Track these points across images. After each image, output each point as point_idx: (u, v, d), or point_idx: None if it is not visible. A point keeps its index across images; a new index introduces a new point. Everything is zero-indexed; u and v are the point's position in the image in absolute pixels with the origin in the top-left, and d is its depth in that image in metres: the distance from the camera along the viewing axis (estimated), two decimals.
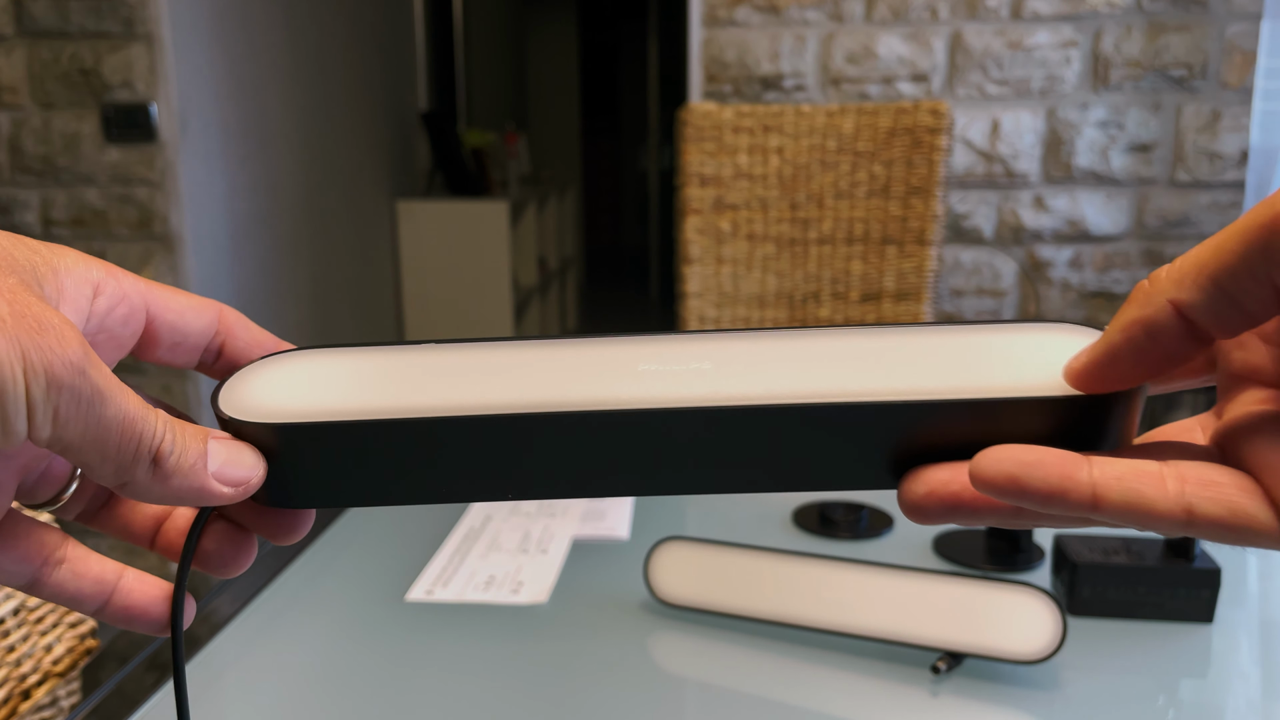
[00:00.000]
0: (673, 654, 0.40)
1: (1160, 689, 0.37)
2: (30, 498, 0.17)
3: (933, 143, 0.78)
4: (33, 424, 0.13)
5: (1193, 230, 1.37)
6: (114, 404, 0.14)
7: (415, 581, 0.45)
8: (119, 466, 0.14)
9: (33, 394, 0.13)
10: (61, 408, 0.13)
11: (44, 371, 0.13)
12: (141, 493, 0.15)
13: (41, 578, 0.16)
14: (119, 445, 0.14)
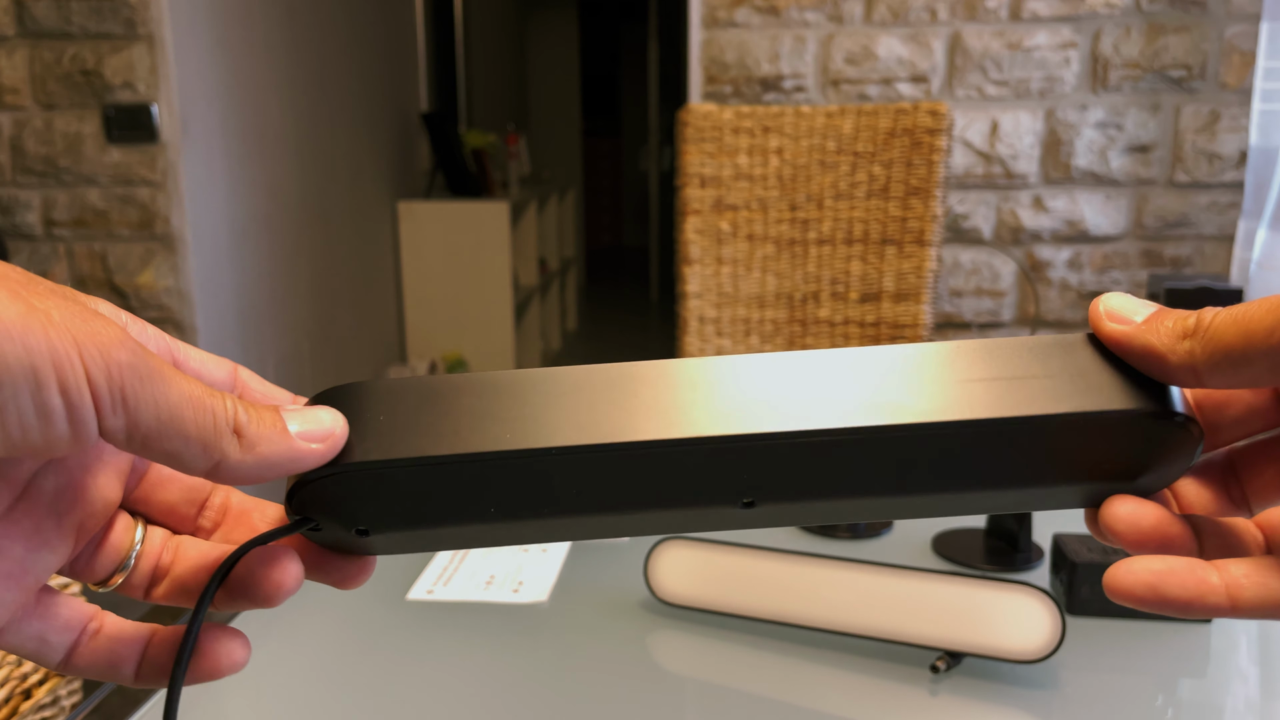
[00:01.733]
0: (672, 653, 0.40)
1: (1159, 688, 0.37)
2: (87, 573, 0.16)
3: (932, 143, 0.78)
4: (101, 412, 0.13)
5: (1191, 231, 1.37)
6: (177, 384, 0.14)
7: (416, 580, 0.45)
8: (205, 445, 0.14)
9: (95, 378, 0.13)
10: (127, 389, 0.13)
11: (100, 354, 0.13)
12: (235, 469, 0.14)
13: (79, 647, 0.16)
14: (197, 422, 0.14)
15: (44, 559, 0.15)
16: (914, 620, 0.36)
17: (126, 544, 0.17)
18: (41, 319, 0.13)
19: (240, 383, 0.17)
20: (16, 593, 0.15)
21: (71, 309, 0.13)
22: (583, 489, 0.16)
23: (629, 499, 0.16)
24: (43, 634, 0.16)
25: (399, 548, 0.17)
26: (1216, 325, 0.14)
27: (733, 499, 0.16)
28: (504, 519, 0.16)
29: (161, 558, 0.17)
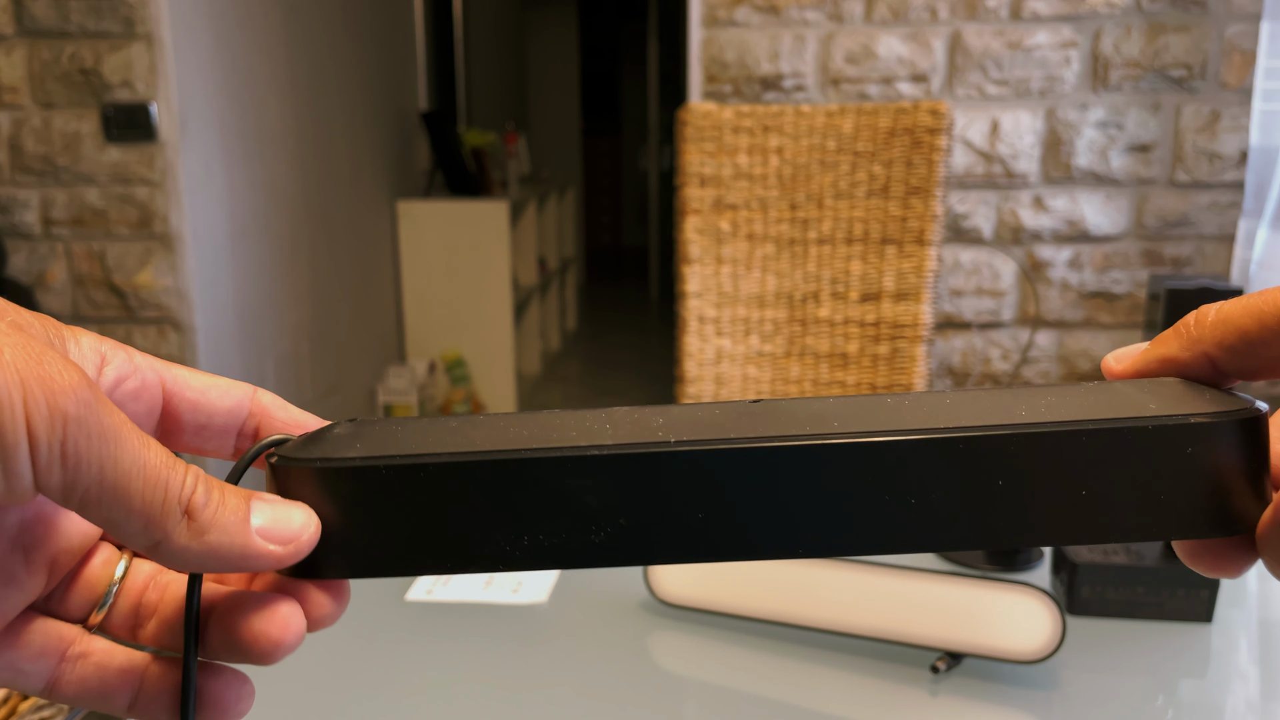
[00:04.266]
0: (672, 653, 0.40)
1: (1159, 689, 0.37)
2: (63, 610, 0.15)
3: (932, 143, 0.78)
4: (37, 465, 0.12)
5: (1192, 230, 1.37)
6: (130, 446, 0.12)
7: (415, 581, 0.45)
8: (147, 520, 0.13)
9: (35, 428, 0.12)
10: (69, 444, 0.12)
11: (46, 402, 0.12)
12: (177, 554, 0.13)
13: (62, 675, 0.15)
14: (143, 494, 0.13)
15: (10, 596, 0.14)
16: (914, 620, 0.36)
17: (105, 579, 0.15)
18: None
19: (260, 409, 0.16)
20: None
21: (27, 348, 0.12)
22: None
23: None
24: (14, 663, 0.15)
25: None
26: (1225, 311, 0.14)
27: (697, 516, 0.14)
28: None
29: (147, 594, 0.16)
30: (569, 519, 0.15)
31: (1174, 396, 0.14)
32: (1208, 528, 0.14)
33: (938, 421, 0.14)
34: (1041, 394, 0.15)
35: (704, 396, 0.87)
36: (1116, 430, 0.14)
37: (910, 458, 0.14)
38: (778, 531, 0.15)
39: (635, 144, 4.45)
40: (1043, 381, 1.41)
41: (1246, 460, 0.14)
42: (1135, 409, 0.14)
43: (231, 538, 0.13)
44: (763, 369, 0.85)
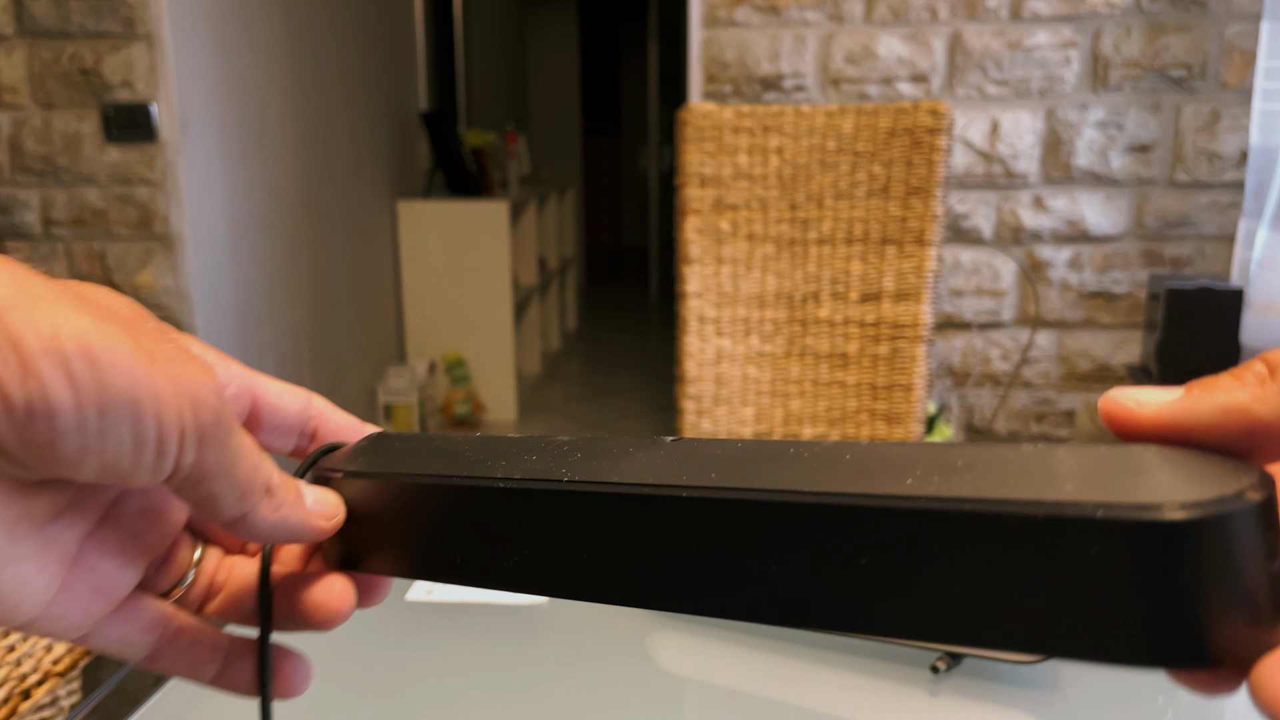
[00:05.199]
0: (672, 653, 0.40)
1: (1159, 689, 0.37)
2: (152, 587, 0.18)
3: (932, 143, 0.78)
4: (183, 449, 0.14)
5: (1192, 230, 1.37)
6: (239, 435, 0.15)
7: (414, 581, 0.45)
8: (243, 495, 0.15)
9: (184, 420, 0.14)
10: (206, 434, 0.14)
11: (191, 398, 0.14)
12: (258, 524, 0.16)
13: (162, 647, 0.17)
14: (245, 475, 0.15)
15: (127, 575, 0.17)
16: None
17: (186, 562, 0.18)
18: (146, 358, 0.14)
19: (316, 412, 0.19)
20: (104, 605, 0.16)
21: (170, 351, 0.14)
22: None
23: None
24: (126, 636, 0.17)
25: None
26: None
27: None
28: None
29: (216, 575, 0.19)
30: (486, 543, 0.16)
31: (1211, 477, 0.11)
32: (1174, 656, 0.11)
33: (807, 481, 0.12)
34: (976, 457, 0.12)
35: (704, 397, 0.87)
36: (1009, 516, 0.11)
37: (749, 518, 0.13)
38: (645, 579, 0.14)
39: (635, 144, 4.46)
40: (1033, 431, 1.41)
41: (1232, 573, 0.11)
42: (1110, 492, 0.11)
43: (296, 512, 0.17)
44: (763, 369, 0.85)
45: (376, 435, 0.19)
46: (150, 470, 0.14)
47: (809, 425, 0.84)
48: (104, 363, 0.13)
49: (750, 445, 0.14)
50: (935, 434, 1.31)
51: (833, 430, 0.84)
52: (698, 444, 0.15)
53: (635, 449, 0.15)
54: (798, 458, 0.13)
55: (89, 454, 0.13)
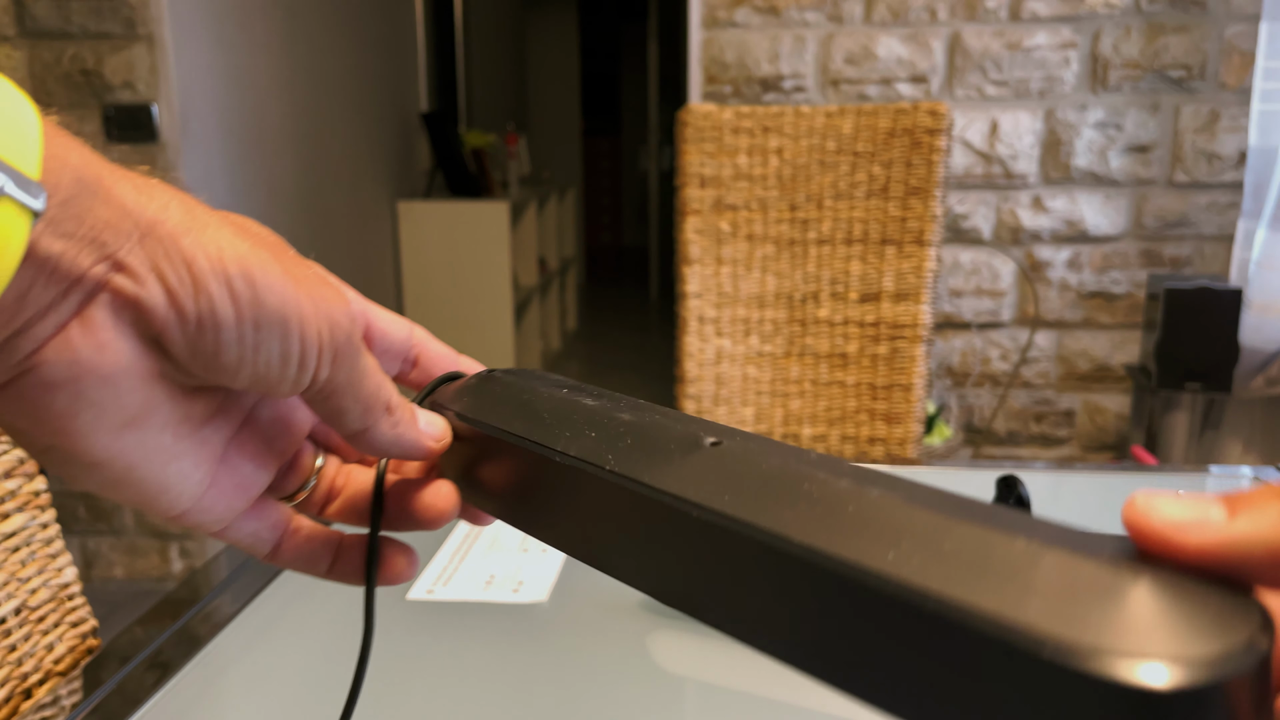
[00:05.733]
0: (671, 652, 0.40)
1: None
2: (279, 490, 0.20)
3: (931, 143, 0.78)
4: (320, 364, 0.16)
5: (1191, 230, 1.37)
6: (366, 356, 0.17)
7: (416, 580, 0.45)
8: (366, 411, 0.17)
9: (323, 338, 0.16)
10: (339, 352, 0.16)
11: (329, 319, 0.16)
12: (377, 438, 0.18)
13: (283, 543, 0.20)
14: (370, 392, 0.17)
15: (261, 476, 0.19)
16: None
17: (309, 467, 0.20)
18: (293, 281, 0.16)
19: (417, 341, 0.21)
20: (242, 502, 0.18)
21: (311, 276, 0.16)
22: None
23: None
24: (257, 531, 0.19)
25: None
26: None
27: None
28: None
29: (335, 480, 0.20)
30: (541, 503, 0.18)
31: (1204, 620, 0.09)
32: None
33: (801, 528, 0.12)
34: (967, 543, 0.11)
35: (704, 397, 0.87)
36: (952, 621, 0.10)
37: (741, 547, 0.13)
38: (657, 572, 0.16)
39: (635, 144, 4.46)
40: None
41: None
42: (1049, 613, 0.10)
43: (410, 430, 0.18)
44: (762, 369, 0.85)
45: (485, 375, 0.20)
46: (292, 381, 0.16)
47: (808, 425, 0.84)
48: (259, 283, 0.15)
49: (775, 467, 0.14)
50: (934, 434, 1.31)
51: (832, 430, 0.84)
52: (731, 451, 0.15)
53: (676, 447, 0.16)
54: (809, 496, 0.14)
55: (244, 364, 0.15)
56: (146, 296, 0.14)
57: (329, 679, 0.38)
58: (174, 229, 0.14)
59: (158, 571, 1.46)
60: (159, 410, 0.16)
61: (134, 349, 0.15)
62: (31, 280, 0.14)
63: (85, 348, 0.14)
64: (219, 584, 0.45)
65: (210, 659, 0.39)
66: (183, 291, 0.14)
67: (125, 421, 0.15)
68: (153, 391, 0.15)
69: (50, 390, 0.14)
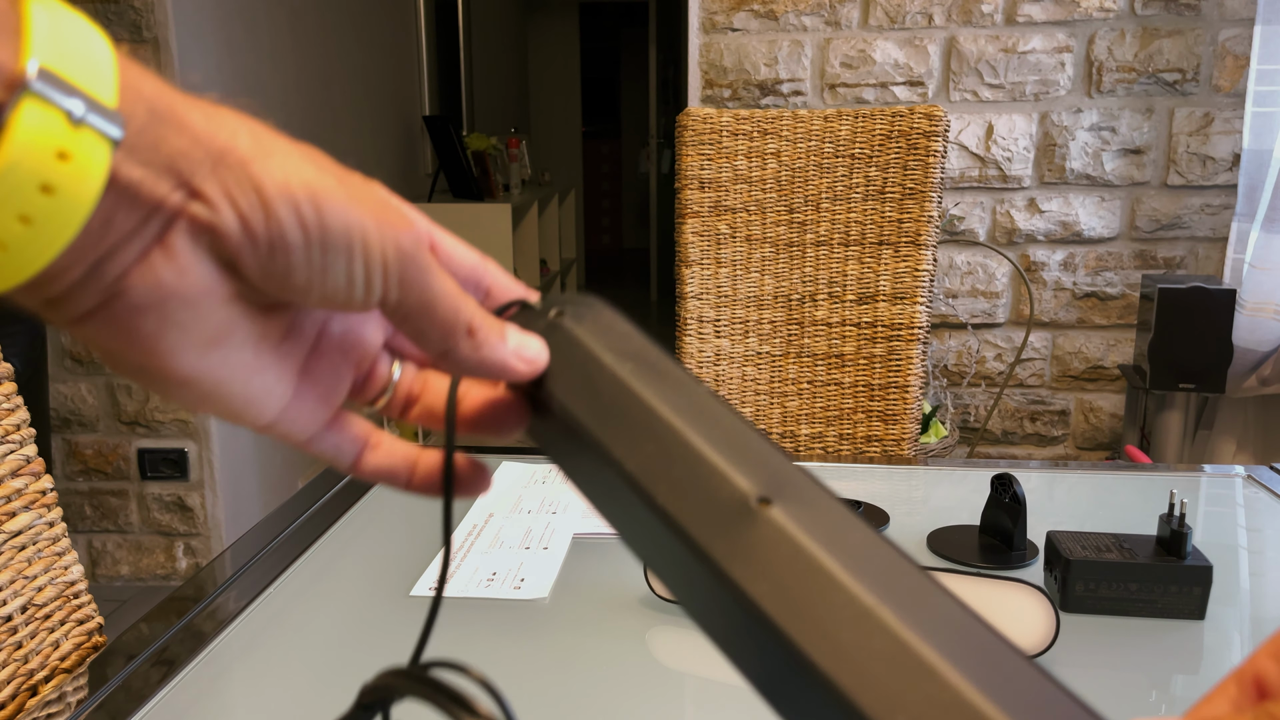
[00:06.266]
0: (671, 649, 0.40)
1: (1153, 685, 0.38)
2: (360, 398, 0.20)
3: (928, 146, 0.79)
4: (387, 286, 0.16)
5: (1185, 232, 1.38)
6: (441, 279, 0.17)
7: (419, 577, 0.45)
8: (445, 334, 0.17)
9: (388, 259, 0.16)
10: (406, 274, 0.16)
11: (394, 238, 0.16)
12: (460, 360, 0.18)
13: (362, 456, 0.20)
14: (445, 315, 0.17)
15: (340, 390, 0.19)
16: None
17: (386, 375, 0.20)
18: (357, 204, 0.16)
19: (487, 272, 0.21)
20: (325, 412, 0.19)
21: (375, 197, 0.16)
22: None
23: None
24: (338, 444, 0.20)
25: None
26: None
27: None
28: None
29: (413, 387, 0.21)
30: (601, 487, 0.18)
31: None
32: None
33: (827, 654, 0.13)
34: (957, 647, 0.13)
35: None
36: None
37: (764, 640, 0.14)
38: (687, 596, 0.16)
39: (635, 148, 4.46)
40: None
41: None
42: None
43: (496, 352, 0.18)
44: (761, 369, 0.86)
45: (553, 322, 0.19)
46: (360, 302, 0.16)
47: (806, 425, 0.85)
48: (325, 207, 0.15)
49: (815, 562, 0.14)
50: (930, 433, 1.32)
51: (829, 429, 0.85)
52: (781, 524, 0.15)
53: (725, 499, 0.16)
54: (836, 612, 0.14)
55: (313, 286, 0.16)
56: (221, 222, 0.15)
57: (332, 675, 0.38)
58: (244, 155, 0.15)
59: (163, 569, 1.46)
60: (239, 328, 0.16)
61: (212, 272, 0.15)
62: (114, 206, 0.14)
63: (168, 272, 0.15)
64: (224, 582, 0.45)
65: (215, 656, 0.39)
66: (254, 217, 0.15)
67: (209, 341, 0.16)
68: (232, 312, 0.16)
69: (138, 313, 0.15)
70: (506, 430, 0.20)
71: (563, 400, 0.18)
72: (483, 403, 0.20)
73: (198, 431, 1.40)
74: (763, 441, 0.17)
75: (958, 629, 0.14)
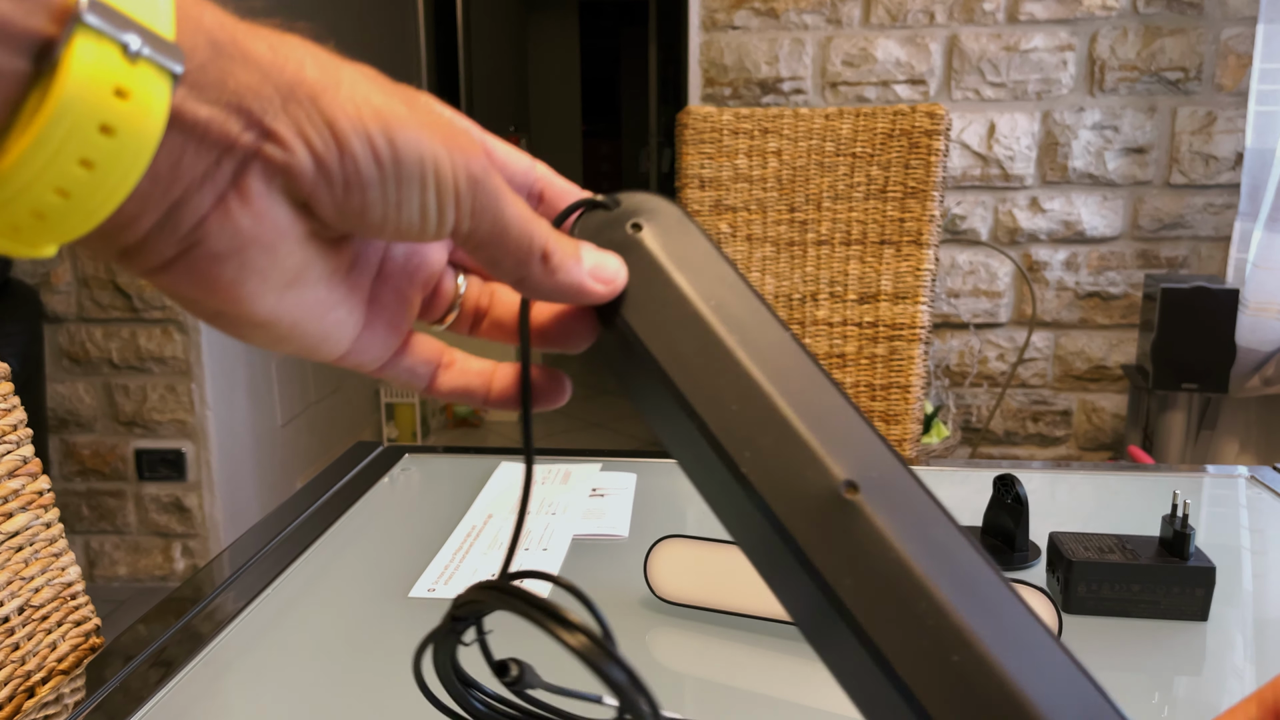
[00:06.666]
0: (672, 651, 0.40)
1: (1155, 686, 0.37)
2: (428, 317, 0.20)
3: (929, 145, 0.79)
4: (459, 216, 0.16)
5: (1188, 231, 1.38)
6: (512, 204, 0.17)
7: (418, 579, 0.45)
8: (518, 261, 0.17)
9: (460, 189, 0.16)
10: (478, 202, 0.16)
11: (465, 165, 0.16)
12: (534, 286, 0.17)
13: (437, 376, 0.20)
14: (518, 242, 0.17)
15: (409, 313, 0.19)
16: None
17: (452, 292, 0.20)
18: (429, 133, 0.15)
19: (539, 176, 0.20)
20: (395, 337, 0.19)
21: (444, 122, 0.16)
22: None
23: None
24: (412, 367, 0.19)
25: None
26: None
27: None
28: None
29: (480, 300, 0.20)
30: (673, 427, 0.17)
31: None
32: None
33: (901, 653, 0.13)
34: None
35: None
36: None
37: (835, 627, 0.14)
38: (758, 559, 0.16)
39: (635, 146, 4.46)
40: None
41: None
42: None
43: (571, 276, 0.17)
44: None
45: (667, 217, 0.18)
46: (434, 234, 0.16)
47: None
48: (398, 139, 0.15)
49: (900, 561, 0.14)
50: (932, 433, 1.31)
51: None
52: (867, 516, 0.15)
53: (813, 474, 0.15)
54: (917, 618, 0.14)
55: (389, 221, 0.15)
56: (296, 163, 0.14)
57: (331, 676, 0.38)
58: (313, 88, 0.14)
59: (161, 570, 1.46)
60: (314, 267, 0.16)
61: (288, 215, 0.15)
62: (182, 147, 0.13)
63: (245, 218, 0.14)
64: (222, 583, 0.45)
65: (213, 658, 0.39)
66: (329, 155, 0.14)
67: (286, 283, 0.16)
68: (307, 251, 0.16)
69: (218, 262, 0.15)
70: (575, 345, 0.19)
71: (641, 334, 0.17)
72: (552, 316, 0.19)
73: (195, 432, 1.40)
74: (852, 413, 0.16)
75: (1032, 647, 0.14)
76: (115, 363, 1.36)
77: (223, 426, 1.42)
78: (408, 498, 0.56)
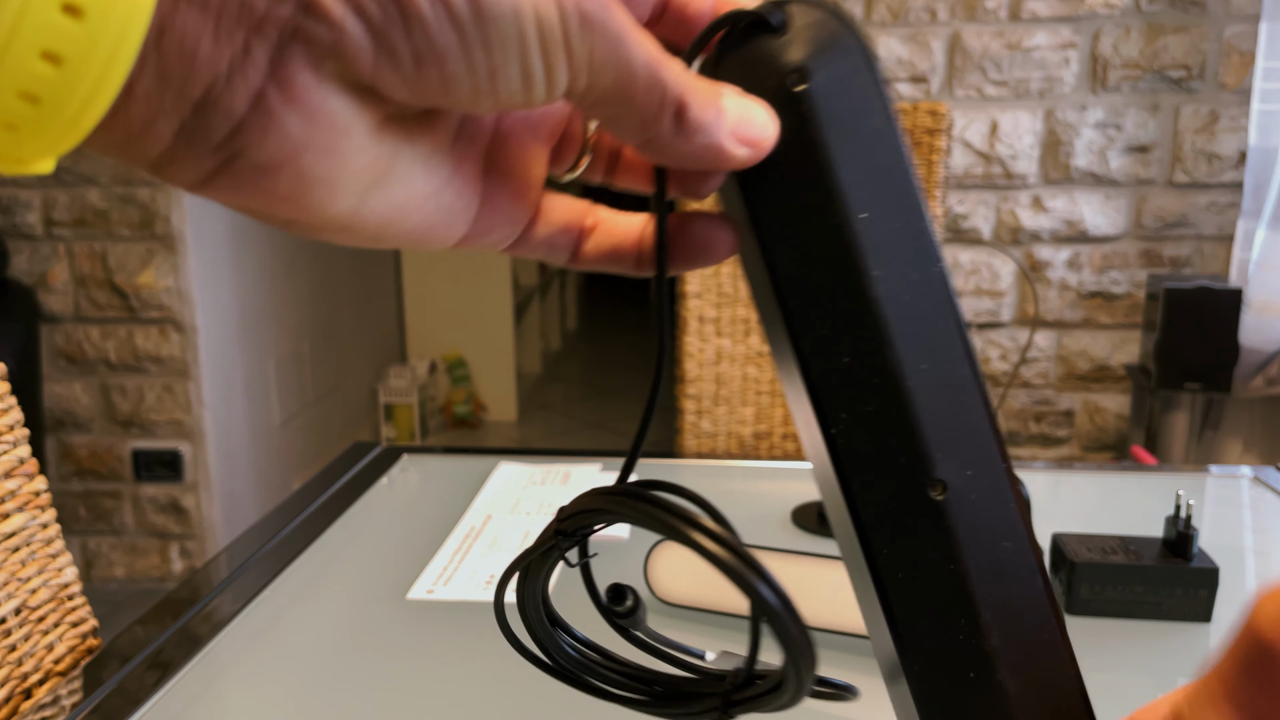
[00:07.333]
0: None
1: (1158, 688, 0.37)
2: (559, 168, 0.17)
3: (931, 143, 0.78)
4: (574, 72, 0.12)
5: (1191, 231, 1.37)
6: (638, 45, 0.13)
7: (416, 580, 0.45)
8: (644, 119, 0.13)
9: (571, 37, 0.12)
10: (596, 52, 0.12)
11: (576, 10, 0.12)
12: (663, 150, 0.14)
13: (582, 244, 0.17)
14: (646, 96, 0.13)
15: (536, 170, 0.16)
16: None
17: (581, 132, 0.17)
18: None
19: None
20: (524, 207, 0.16)
21: None
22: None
23: None
24: (550, 239, 0.16)
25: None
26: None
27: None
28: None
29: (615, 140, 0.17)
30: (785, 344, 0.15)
31: None
32: None
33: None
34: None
35: (704, 396, 0.87)
36: None
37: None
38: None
39: None
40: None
41: None
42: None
43: (709, 138, 0.14)
44: (762, 369, 0.86)
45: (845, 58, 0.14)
46: (543, 98, 0.13)
47: None
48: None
49: (985, 579, 0.15)
50: None
51: None
52: (946, 518, 0.15)
53: (906, 460, 0.14)
54: (953, 632, 0.15)
55: (483, 92, 0.12)
56: (348, 41, 0.11)
57: (328, 678, 0.38)
58: None
59: (158, 571, 1.46)
60: (400, 156, 0.13)
61: (348, 107, 0.12)
62: (194, 29, 0.11)
63: (291, 118, 0.11)
64: (219, 584, 0.45)
65: (211, 659, 0.39)
66: (389, 25, 0.11)
67: (365, 183, 0.13)
68: (382, 145, 0.12)
69: (267, 174, 0.12)
70: (723, 244, 0.16)
71: (763, 225, 0.14)
72: (702, 226, 0.16)
73: (192, 432, 1.40)
74: (974, 395, 0.14)
75: (1051, 687, 0.14)
76: (112, 363, 1.36)
77: (220, 427, 1.42)
78: (406, 498, 0.56)
